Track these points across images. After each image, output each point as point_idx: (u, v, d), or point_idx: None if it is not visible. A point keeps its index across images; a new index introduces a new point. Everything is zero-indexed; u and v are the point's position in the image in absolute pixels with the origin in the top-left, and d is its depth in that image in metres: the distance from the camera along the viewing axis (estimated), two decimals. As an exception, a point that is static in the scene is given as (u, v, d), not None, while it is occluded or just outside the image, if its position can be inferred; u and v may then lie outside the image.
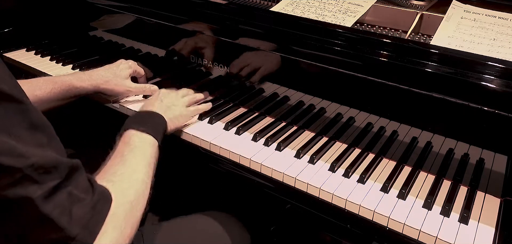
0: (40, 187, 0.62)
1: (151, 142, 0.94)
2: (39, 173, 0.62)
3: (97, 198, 0.70)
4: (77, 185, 0.68)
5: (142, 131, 0.94)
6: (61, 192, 0.65)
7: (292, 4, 1.28)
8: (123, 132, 0.95)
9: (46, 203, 0.62)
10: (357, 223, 0.93)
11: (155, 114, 1.04)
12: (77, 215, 0.66)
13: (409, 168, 1.05)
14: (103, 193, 0.73)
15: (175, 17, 1.33)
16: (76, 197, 0.67)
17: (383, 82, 1.02)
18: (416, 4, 1.28)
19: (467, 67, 0.92)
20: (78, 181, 0.68)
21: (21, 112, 0.62)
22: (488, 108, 0.90)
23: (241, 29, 1.21)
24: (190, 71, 1.38)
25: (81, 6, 1.57)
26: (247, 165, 1.06)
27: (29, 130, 0.63)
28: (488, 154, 0.97)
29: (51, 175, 0.63)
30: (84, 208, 0.67)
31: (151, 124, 0.98)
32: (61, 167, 0.65)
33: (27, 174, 0.60)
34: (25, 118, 0.63)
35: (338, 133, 1.15)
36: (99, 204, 0.70)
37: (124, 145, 0.91)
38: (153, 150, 0.94)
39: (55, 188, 0.64)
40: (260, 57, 1.22)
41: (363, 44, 1.04)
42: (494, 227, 0.88)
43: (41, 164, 0.62)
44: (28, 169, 0.60)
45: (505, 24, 1.07)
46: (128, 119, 0.99)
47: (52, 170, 0.64)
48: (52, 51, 1.62)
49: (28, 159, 0.60)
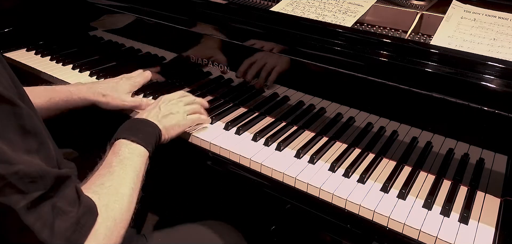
0: (24, 196, 0.60)
1: (141, 152, 0.92)
2: (24, 182, 0.60)
3: (82, 211, 0.68)
4: (63, 197, 0.66)
5: (132, 141, 0.92)
6: (44, 203, 0.63)
7: (292, 4, 1.28)
8: (113, 141, 0.93)
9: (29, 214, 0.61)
10: (357, 223, 0.93)
11: (149, 123, 1.01)
12: (60, 229, 0.64)
13: (409, 168, 1.05)
14: (89, 206, 0.71)
15: (175, 17, 1.33)
16: (60, 210, 0.65)
17: (383, 82, 1.02)
18: (416, 4, 1.28)
19: (467, 67, 0.92)
20: (64, 192, 0.67)
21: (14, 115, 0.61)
22: (488, 108, 0.90)
23: (241, 29, 1.21)
24: (190, 71, 1.38)
25: (81, 6, 1.57)
26: (247, 165, 1.06)
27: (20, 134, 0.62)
28: (488, 154, 0.97)
29: (36, 185, 0.62)
30: (67, 222, 0.65)
31: (143, 133, 0.96)
32: (47, 177, 0.64)
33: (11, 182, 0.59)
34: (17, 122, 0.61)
35: (338, 133, 1.15)
36: (83, 218, 0.68)
37: (113, 155, 0.88)
38: (142, 160, 0.91)
39: (39, 198, 0.62)
40: (260, 57, 1.22)
41: (363, 44, 1.04)
42: (494, 227, 0.88)
43: (26, 172, 0.60)
44: (13, 177, 0.59)
45: (505, 24, 1.07)
46: (121, 128, 0.97)
47: (38, 180, 0.62)
48: (52, 51, 1.62)
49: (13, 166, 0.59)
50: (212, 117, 1.21)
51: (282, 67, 1.20)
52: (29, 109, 0.65)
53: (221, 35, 1.25)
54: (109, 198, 0.77)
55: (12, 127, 0.61)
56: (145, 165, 0.92)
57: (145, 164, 0.92)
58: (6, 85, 0.61)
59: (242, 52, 1.24)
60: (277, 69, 1.21)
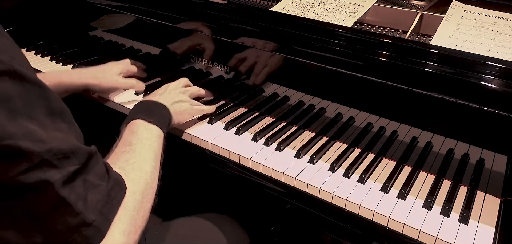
0: (59, 171, 0.62)
1: (158, 133, 0.94)
2: (58, 158, 0.62)
3: (112, 185, 0.70)
4: (93, 171, 0.68)
5: (149, 122, 0.93)
6: (78, 178, 0.65)
7: (292, 4, 1.28)
8: (129, 121, 0.94)
9: (64, 187, 0.62)
10: (357, 223, 0.93)
11: (161, 105, 1.03)
12: (93, 201, 0.66)
13: (409, 168, 1.05)
14: (118, 180, 0.72)
15: (175, 17, 1.33)
16: (91, 184, 0.67)
17: (383, 82, 1.02)
18: (416, 4, 1.28)
19: (467, 67, 0.92)
20: (95, 167, 0.68)
21: (42, 97, 0.63)
22: (488, 108, 0.90)
23: (241, 29, 1.21)
24: (190, 71, 1.38)
25: (81, 6, 1.57)
26: (247, 165, 1.06)
27: (49, 115, 0.63)
28: (488, 154, 0.97)
29: (70, 160, 0.63)
30: (99, 194, 0.67)
31: (158, 115, 0.98)
32: (79, 152, 0.65)
33: (46, 159, 0.60)
34: (45, 103, 0.63)
35: (338, 133, 1.15)
36: (113, 191, 0.70)
37: (132, 134, 0.90)
38: (160, 142, 0.93)
39: (73, 173, 0.64)
40: (260, 57, 1.22)
41: (363, 44, 1.04)
42: (494, 227, 0.88)
43: (60, 148, 0.62)
44: (48, 154, 0.60)
45: (505, 24, 1.07)
46: (134, 109, 0.98)
47: (71, 155, 0.64)
48: (52, 51, 1.62)
49: (47, 143, 0.60)
50: (212, 117, 1.21)
51: (282, 68, 1.20)
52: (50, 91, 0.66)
53: (221, 35, 1.25)
54: (135, 173, 0.79)
55: (42, 109, 0.62)
56: (161, 146, 0.93)
57: (162, 145, 0.93)
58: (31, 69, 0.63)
59: (242, 53, 1.24)
60: (277, 69, 1.21)
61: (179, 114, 1.09)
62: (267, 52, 1.19)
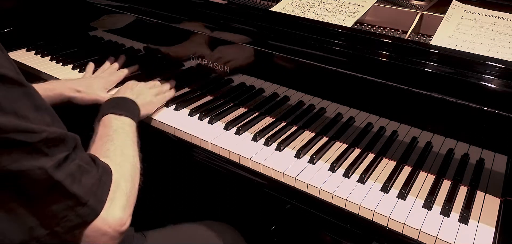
0: (51, 159, 0.67)
1: (130, 123, 1.01)
2: (49, 147, 0.66)
3: (101, 171, 0.76)
4: (82, 158, 0.73)
5: (120, 115, 1.00)
6: (71, 163, 0.70)
7: (292, 4, 1.28)
8: (101, 117, 0.99)
9: (58, 171, 0.67)
10: (357, 223, 0.93)
11: (127, 99, 1.10)
12: (87, 184, 0.71)
13: (409, 168, 1.05)
14: (105, 168, 0.78)
15: (175, 17, 1.33)
16: (84, 169, 0.72)
17: (383, 82, 1.02)
18: (416, 4, 1.28)
19: (467, 67, 0.92)
20: (82, 154, 0.74)
21: (26, 94, 0.67)
22: (488, 108, 0.90)
23: (241, 29, 1.21)
24: (190, 71, 1.38)
25: (81, 6, 1.57)
26: (247, 165, 1.06)
27: (35, 110, 0.67)
28: (488, 154, 0.97)
29: (60, 148, 0.69)
30: (92, 179, 0.73)
31: (126, 107, 1.05)
32: (67, 140, 0.70)
33: (39, 148, 0.65)
34: (29, 100, 0.67)
35: (338, 133, 1.15)
36: (103, 176, 0.76)
37: (106, 128, 0.96)
38: (133, 130, 1.00)
39: (64, 158, 0.69)
40: (260, 58, 1.22)
41: (363, 44, 1.04)
42: (494, 227, 0.88)
43: (51, 138, 0.67)
44: (39, 143, 0.65)
45: (505, 24, 1.07)
46: (104, 105, 1.04)
47: (60, 143, 0.69)
48: (52, 51, 1.62)
49: (39, 134, 0.65)
50: (212, 117, 1.21)
51: (282, 67, 1.20)
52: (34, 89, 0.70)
53: (221, 35, 1.25)
54: (119, 158, 0.85)
55: (26, 106, 0.66)
56: (136, 134, 0.99)
57: (136, 133, 1.00)
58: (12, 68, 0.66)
59: (242, 53, 1.24)
60: (277, 69, 1.21)
61: (146, 105, 1.16)
62: (267, 52, 1.19)
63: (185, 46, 1.36)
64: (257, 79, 1.26)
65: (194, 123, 1.20)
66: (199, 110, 1.25)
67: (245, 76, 1.28)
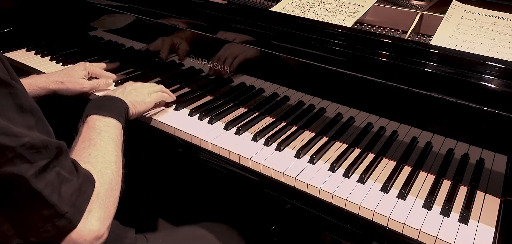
0: (32, 166, 0.65)
1: (115, 124, 0.98)
2: (31, 153, 0.65)
3: (82, 179, 0.73)
4: (63, 166, 0.71)
5: (104, 115, 0.97)
6: (51, 171, 0.68)
7: (292, 4, 1.28)
8: (85, 118, 0.97)
9: (38, 180, 0.65)
10: (357, 223, 0.93)
11: (115, 98, 1.08)
12: (66, 194, 0.69)
13: (409, 168, 1.05)
14: (87, 175, 0.76)
15: (175, 17, 1.33)
16: (64, 178, 0.70)
17: (383, 82, 1.02)
18: (416, 4, 1.28)
19: (467, 67, 0.92)
20: (64, 162, 0.71)
21: (10, 94, 0.65)
22: (488, 108, 0.90)
23: (240, 29, 1.21)
24: (189, 71, 1.38)
25: (81, 6, 1.57)
26: (247, 165, 1.06)
27: (19, 112, 0.66)
28: (488, 154, 0.97)
29: (41, 155, 0.66)
30: (71, 188, 0.70)
31: (112, 107, 1.01)
32: (50, 147, 0.68)
33: (20, 153, 0.63)
34: (14, 101, 0.65)
35: (338, 133, 1.15)
36: (84, 185, 0.73)
37: (89, 130, 0.93)
38: (118, 132, 0.97)
39: (45, 166, 0.67)
40: (260, 58, 1.22)
41: (363, 44, 1.04)
42: (494, 227, 0.88)
43: (32, 143, 0.65)
44: (21, 149, 0.63)
45: (505, 24, 1.07)
46: (89, 106, 1.01)
47: (42, 150, 0.67)
48: (52, 51, 1.62)
49: (21, 138, 0.63)
50: (212, 117, 1.21)
51: (282, 67, 1.20)
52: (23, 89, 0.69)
53: (221, 35, 1.25)
54: (101, 165, 0.82)
55: (10, 106, 0.65)
56: (121, 136, 0.97)
57: (121, 136, 0.97)
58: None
59: (242, 53, 1.24)
60: (277, 69, 1.21)
61: (136, 104, 1.13)
62: (267, 52, 1.19)
63: (185, 46, 1.36)
64: (257, 79, 1.26)
65: (194, 123, 1.20)
66: (199, 110, 1.25)
67: (245, 76, 1.28)
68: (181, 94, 1.35)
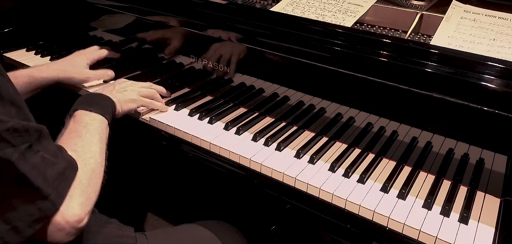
0: (16, 149, 0.67)
1: (100, 120, 1.01)
2: (14, 136, 0.67)
3: (66, 164, 0.77)
4: (47, 149, 0.74)
5: (91, 111, 1.00)
6: (35, 155, 0.71)
7: (292, 4, 1.28)
8: (72, 113, 1.00)
9: (24, 163, 0.68)
10: (357, 223, 0.93)
11: (102, 96, 1.10)
12: (51, 177, 0.72)
13: (409, 168, 1.05)
14: (71, 161, 0.79)
15: (175, 17, 1.33)
16: (49, 161, 0.73)
17: (383, 82, 1.02)
18: (416, 4, 1.28)
19: (467, 67, 0.92)
20: (46, 145, 0.74)
21: None
22: (488, 108, 0.90)
23: (240, 29, 1.21)
24: (190, 71, 1.39)
25: (81, 6, 1.57)
26: (247, 165, 1.06)
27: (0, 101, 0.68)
28: (488, 154, 0.97)
29: (23, 138, 0.69)
30: (55, 172, 0.73)
31: (99, 104, 1.04)
32: (30, 130, 0.71)
33: (4, 137, 0.66)
34: None
35: (338, 133, 1.15)
36: (67, 170, 0.76)
37: (76, 124, 0.96)
38: (103, 127, 1.00)
39: (27, 149, 0.69)
40: (260, 58, 1.22)
41: (363, 44, 1.04)
42: (494, 227, 0.88)
43: (15, 127, 0.67)
44: (6, 133, 0.66)
45: (505, 24, 1.07)
46: (77, 101, 1.04)
47: (24, 133, 0.69)
48: (52, 51, 1.62)
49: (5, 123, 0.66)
50: (212, 117, 1.21)
51: (282, 67, 1.20)
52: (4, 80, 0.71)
53: (221, 35, 1.25)
54: (85, 154, 0.86)
55: None
56: (106, 132, 1.01)
57: (106, 131, 1.01)
58: None
59: (242, 53, 1.24)
60: (277, 69, 1.21)
61: (124, 103, 1.15)
62: (267, 52, 1.19)
63: (185, 46, 1.36)
64: (257, 79, 1.26)
65: (194, 123, 1.20)
66: (199, 110, 1.25)
67: (245, 76, 1.28)
68: (181, 94, 1.36)
